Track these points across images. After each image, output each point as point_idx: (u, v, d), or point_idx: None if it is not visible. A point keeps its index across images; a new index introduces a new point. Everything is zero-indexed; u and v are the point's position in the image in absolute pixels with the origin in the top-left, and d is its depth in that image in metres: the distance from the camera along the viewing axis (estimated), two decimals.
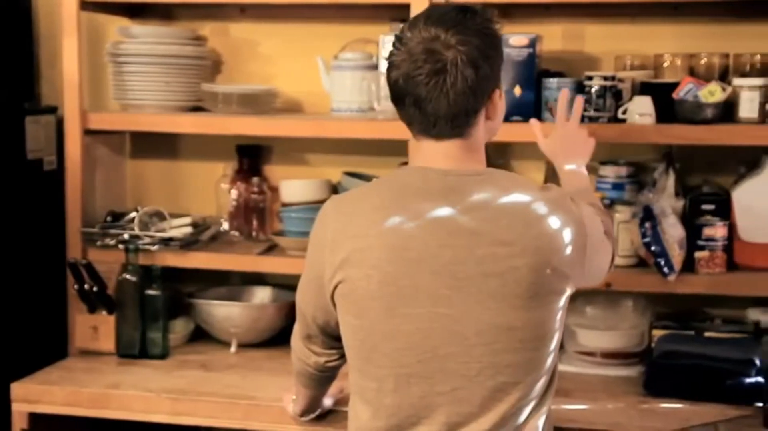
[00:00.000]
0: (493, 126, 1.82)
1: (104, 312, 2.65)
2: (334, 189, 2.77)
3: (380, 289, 1.69)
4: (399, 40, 1.73)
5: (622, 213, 2.51)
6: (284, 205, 2.76)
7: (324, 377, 2.06)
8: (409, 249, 1.68)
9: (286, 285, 2.86)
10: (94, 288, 2.63)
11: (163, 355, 2.64)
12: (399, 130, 2.52)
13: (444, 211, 1.69)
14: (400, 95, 1.75)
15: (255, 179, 2.86)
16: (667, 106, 2.44)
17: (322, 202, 2.66)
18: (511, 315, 1.68)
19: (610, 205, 2.53)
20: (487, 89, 1.74)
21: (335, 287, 1.75)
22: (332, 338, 1.91)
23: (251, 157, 2.90)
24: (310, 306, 1.87)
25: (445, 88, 1.69)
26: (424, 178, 1.75)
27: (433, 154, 1.77)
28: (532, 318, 1.69)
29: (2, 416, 2.46)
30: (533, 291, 1.68)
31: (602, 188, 2.61)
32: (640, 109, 2.44)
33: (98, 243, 2.70)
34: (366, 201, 1.77)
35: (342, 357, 1.96)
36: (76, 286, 2.64)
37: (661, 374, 2.33)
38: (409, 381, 1.71)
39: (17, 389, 2.44)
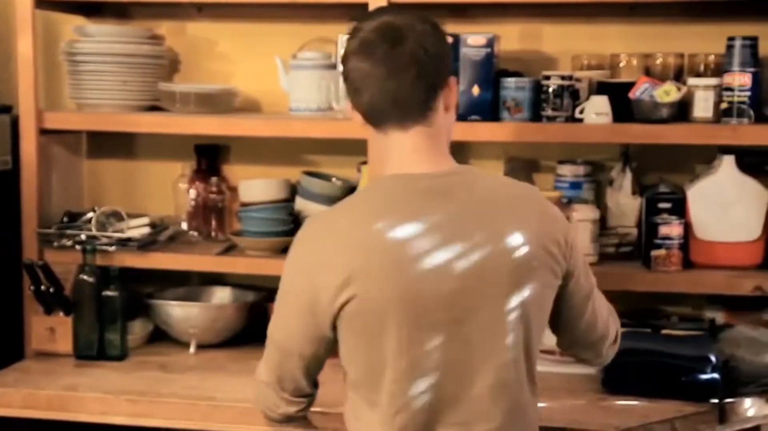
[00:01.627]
0: (451, 121, 1.81)
1: (61, 314, 2.63)
2: (294, 188, 2.76)
3: (391, 301, 1.65)
4: (353, 31, 1.74)
5: (579, 212, 2.53)
6: (243, 204, 2.75)
7: (289, 425, 1.92)
8: (412, 258, 1.65)
9: (246, 285, 2.85)
10: (51, 289, 2.60)
11: (121, 356, 2.62)
12: (358, 130, 2.53)
13: (437, 216, 1.67)
14: (359, 81, 1.72)
15: (213, 179, 2.84)
16: (624, 106, 2.46)
17: (281, 201, 2.71)
18: (506, 307, 1.68)
19: (567, 203, 2.55)
20: (444, 70, 1.74)
21: (341, 307, 1.66)
22: (309, 381, 1.82)
23: (209, 157, 2.88)
24: (296, 341, 1.76)
25: (405, 58, 1.68)
26: (408, 185, 1.71)
27: (402, 152, 1.73)
28: (524, 304, 1.70)
29: None
30: (527, 279, 1.69)
31: (560, 187, 2.63)
32: (597, 109, 2.47)
33: (55, 243, 2.68)
34: (353, 215, 1.72)
35: (309, 406, 1.88)
36: (32, 287, 2.61)
37: (619, 371, 2.35)
38: (428, 389, 1.68)
39: None
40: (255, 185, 2.75)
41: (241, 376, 2.49)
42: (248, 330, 2.75)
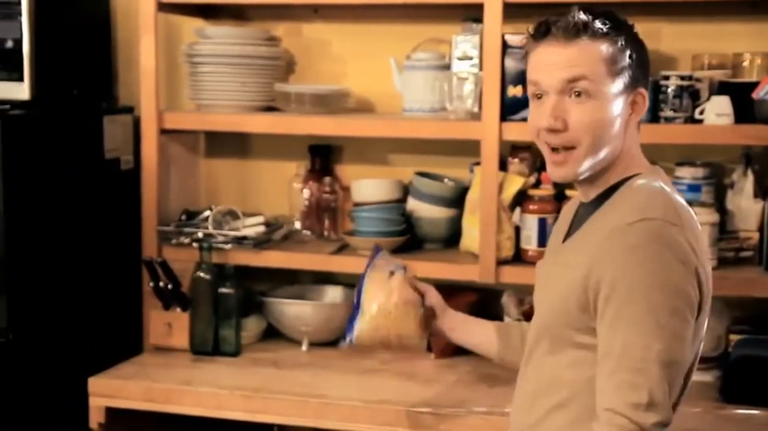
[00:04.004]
0: None
1: (178, 310, 2.69)
2: (406, 189, 2.77)
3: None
4: None
5: (698, 215, 2.45)
6: (356, 204, 2.77)
7: None
8: None
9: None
10: (169, 286, 2.67)
11: (235, 353, 2.67)
12: (470, 131, 2.53)
13: None
14: None
15: (327, 179, 2.87)
16: (746, 106, 2.39)
17: (393, 201, 2.72)
18: None
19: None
20: None
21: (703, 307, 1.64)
22: None
23: (323, 157, 2.91)
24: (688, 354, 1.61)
25: None
26: None
27: None
28: None
29: (80, 410, 2.50)
30: None
31: (678, 189, 2.54)
32: (718, 110, 2.40)
33: (173, 241, 2.74)
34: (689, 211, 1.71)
35: None
36: (151, 284, 2.68)
37: (738, 379, 2.28)
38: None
39: (94, 384, 2.49)
40: (367, 185, 2.76)
41: (352, 374, 2.51)
42: None
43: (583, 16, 1.65)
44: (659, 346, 1.52)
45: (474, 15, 2.58)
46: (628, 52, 1.66)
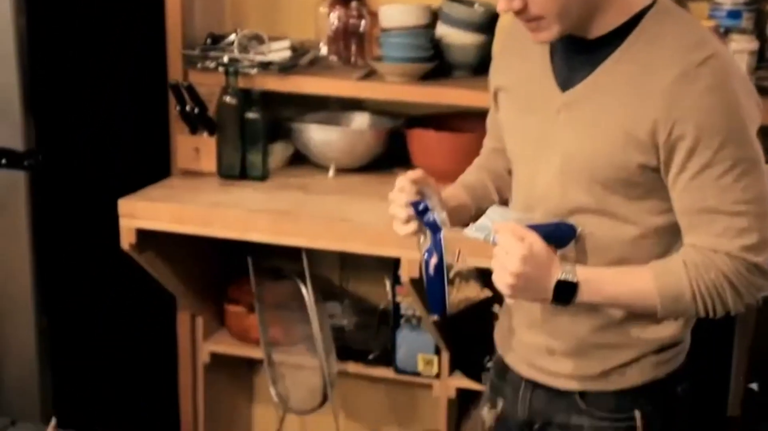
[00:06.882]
0: None
1: (205, 134, 2.69)
2: (435, 14, 2.70)
3: None
4: None
5: (738, 42, 2.40)
6: (383, 30, 2.71)
7: None
8: None
9: (384, 111, 2.84)
10: (196, 110, 2.66)
11: (262, 177, 2.68)
12: None
13: None
14: None
15: (354, 3, 2.79)
16: None
17: (422, 27, 2.66)
18: None
19: (724, 33, 2.42)
20: None
21: None
22: None
23: None
24: None
25: None
26: None
27: None
28: None
29: (111, 232, 2.54)
30: None
31: (716, 16, 2.48)
32: None
33: (198, 65, 2.71)
34: None
35: None
36: (177, 107, 2.67)
37: None
38: None
39: (124, 205, 2.52)
40: (396, 10, 2.69)
41: (377, 200, 2.51)
42: (385, 156, 2.76)
43: None
44: (759, 186, 1.50)
45: None
46: None
